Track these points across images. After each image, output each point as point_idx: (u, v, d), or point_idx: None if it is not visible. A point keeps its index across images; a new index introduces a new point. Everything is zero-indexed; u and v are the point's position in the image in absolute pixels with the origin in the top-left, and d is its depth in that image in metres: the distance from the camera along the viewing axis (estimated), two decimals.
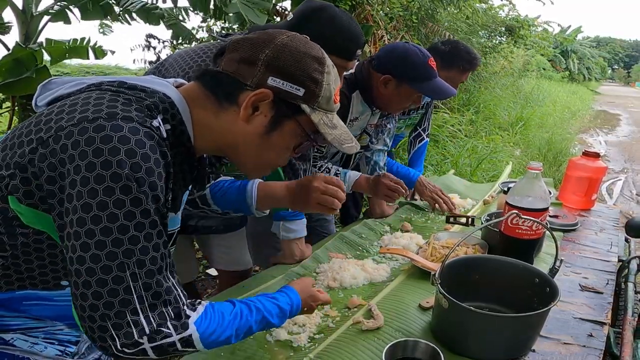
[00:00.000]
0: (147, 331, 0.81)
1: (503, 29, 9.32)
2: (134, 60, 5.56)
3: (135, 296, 0.80)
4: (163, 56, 5.53)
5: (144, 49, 5.28)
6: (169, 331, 0.84)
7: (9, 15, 4.02)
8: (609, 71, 57.41)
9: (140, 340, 0.81)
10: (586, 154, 2.31)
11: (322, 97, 0.95)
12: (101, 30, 5.15)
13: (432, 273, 1.21)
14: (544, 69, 19.76)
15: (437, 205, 2.22)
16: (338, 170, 1.98)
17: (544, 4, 8.36)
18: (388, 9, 5.26)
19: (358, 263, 1.65)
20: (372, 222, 2.10)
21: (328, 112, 0.98)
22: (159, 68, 1.42)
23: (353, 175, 2.00)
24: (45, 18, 4.12)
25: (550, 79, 21.59)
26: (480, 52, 8.28)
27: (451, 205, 2.20)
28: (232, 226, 1.81)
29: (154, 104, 0.87)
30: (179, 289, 0.88)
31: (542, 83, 16.82)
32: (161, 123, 0.87)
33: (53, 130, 0.79)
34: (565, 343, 1.26)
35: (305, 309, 1.15)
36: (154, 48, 5.28)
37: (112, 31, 5.16)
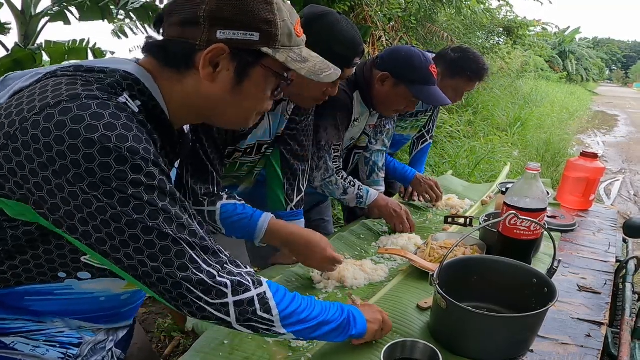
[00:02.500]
0: (227, 283, 0.86)
1: (501, 29, 9.34)
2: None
3: (189, 257, 0.83)
4: None
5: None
6: (248, 284, 0.90)
7: (8, 16, 4.03)
8: (607, 72, 57.54)
9: (225, 290, 0.86)
10: (584, 154, 2.31)
11: (282, 35, 0.90)
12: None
13: (431, 273, 1.21)
14: (542, 70, 19.78)
15: (427, 197, 2.34)
16: (360, 187, 1.98)
17: (542, 4, 8.37)
18: (387, 9, 5.26)
19: (356, 263, 1.65)
20: (371, 223, 2.10)
21: (294, 47, 0.93)
22: None
23: (373, 194, 2.00)
24: (45, 19, 4.12)
25: (548, 79, 21.63)
26: (479, 52, 8.28)
27: (439, 194, 2.33)
28: None
29: (116, 82, 0.83)
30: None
31: (540, 84, 16.86)
32: (129, 100, 0.83)
33: (17, 123, 0.74)
34: (563, 343, 1.26)
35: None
36: None
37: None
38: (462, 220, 2.00)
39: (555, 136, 8.78)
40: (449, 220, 2.04)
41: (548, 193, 1.94)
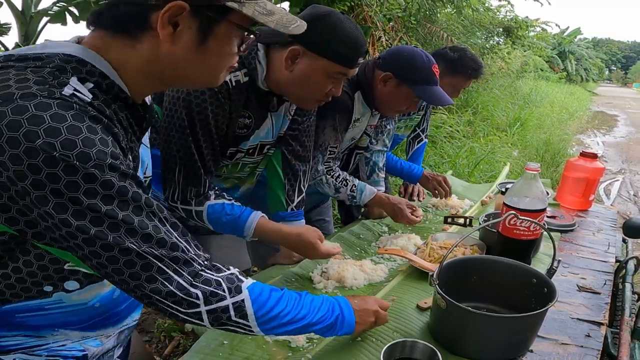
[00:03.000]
0: (199, 295, 0.84)
1: (501, 29, 9.34)
2: None
3: (157, 268, 0.79)
4: None
5: None
6: (223, 294, 0.87)
7: (8, 16, 4.02)
8: (607, 72, 57.57)
9: (197, 302, 0.84)
10: (584, 154, 2.31)
11: None
12: None
13: (430, 273, 1.21)
14: (541, 70, 19.78)
15: (436, 192, 2.37)
16: (355, 185, 1.97)
17: (542, 4, 8.38)
18: (386, 10, 5.26)
19: (356, 264, 1.65)
20: (370, 223, 2.10)
21: (258, 1, 0.87)
22: None
23: (369, 193, 2.00)
24: (45, 19, 4.12)
25: (548, 80, 21.64)
26: (478, 53, 8.30)
27: (446, 189, 2.35)
28: None
29: (57, 68, 0.74)
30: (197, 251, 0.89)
31: (540, 84, 16.87)
32: (78, 86, 0.75)
33: None
34: (562, 343, 1.26)
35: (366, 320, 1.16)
36: None
37: None
38: (461, 221, 2.00)
39: (555, 136, 8.78)
40: (449, 220, 2.04)
41: (548, 193, 1.94)
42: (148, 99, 0.95)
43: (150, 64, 0.83)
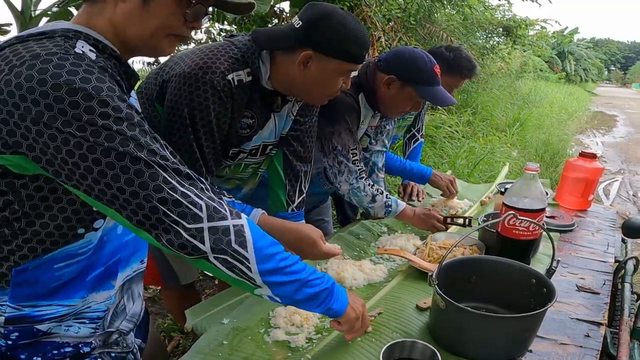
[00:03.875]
0: (203, 206, 0.88)
1: (500, 29, 9.35)
2: (133, 62, 5.58)
3: (163, 178, 0.85)
4: (162, 59, 5.52)
5: None
6: (225, 212, 0.92)
7: (8, 16, 4.02)
8: (606, 72, 57.61)
9: (200, 214, 0.88)
10: (583, 154, 2.32)
11: None
12: None
13: (430, 274, 1.21)
14: (540, 70, 19.80)
15: (447, 190, 2.42)
16: (387, 195, 1.95)
17: (540, 5, 8.38)
18: (386, 10, 5.26)
19: (356, 264, 1.66)
20: (370, 223, 2.11)
21: None
22: (163, 68, 1.43)
23: (401, 204, 1.98)
24: (45, 19, 4.11)
25: (547, 80, 21.66)
26: (478, 53, 8.31)
27: (454, 191, 2.42)
28: None
29: (63, 36, 0.87)
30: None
31: (539, 84, 16.89)
32: (85, 46, 0.87)
33: None
34: (562, 343, 1.26)
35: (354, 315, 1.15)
36: None
37: None
38: (461, 221, 2.01)
39: (554, 136, 8.79)
40: (448, 220, 2.04)
41: (547, 193, 1.95)
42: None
43: (114, 24, 0.93)
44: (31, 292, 0.92)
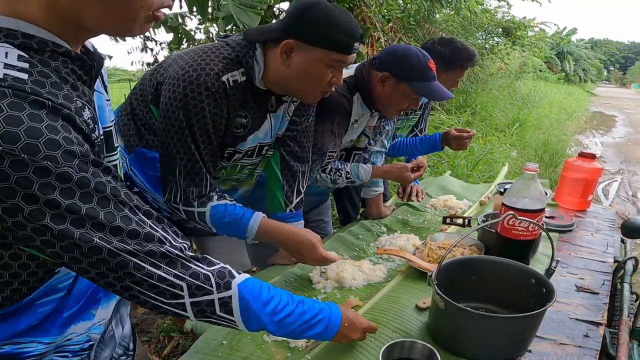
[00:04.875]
0: (184, 286, 0.81)
1: (500, 30, 9.36)
2: (132, 63, 5.59)
3: (133, 265, 0.75)
4: (160, 58, 5.53)
5: (141, 51, 5.29)
6: (210, 288, 0.85)
7: None
8: (605, 73, 57.64)
9: (181, 293, 0.81)
10: (582, 155, 2.31)
11: None
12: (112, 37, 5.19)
13: (429, 274, 1.21)
14: (540, 71, 19.82)
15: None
16: (348, 172, 1.98)
17: (540, 4, 8.39)
18: (385, 10, 5.26)
19: (355, 264, 1.66)
20: (369, 223, 2.11)
21: None
22: (157, 69, 1.42)
23: (364, 172, 2.02)
24: None
25: (547, 80, 21.68)
26: (477, 53, 8.31)
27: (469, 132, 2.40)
28: None
29: None
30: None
31: (539, 84, 16.90)
32: (11, 50, 0.66)
33: None
34: (561, 343, 1.26)
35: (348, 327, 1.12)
36: (151, 50, 5.28)
37: (125, 40, 5.18)
38: (460, 221, 2.01)
39: (554, 137, 8.79)
40: (447, 220, 2.04)
41: (546, 193, 1.95)
42: (90, 45, 0.85)
43: (55, 9, 0.71)
44: (11, 330, 0.84)
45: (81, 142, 0.68)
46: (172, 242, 0.81)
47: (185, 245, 0.85)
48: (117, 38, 5.29)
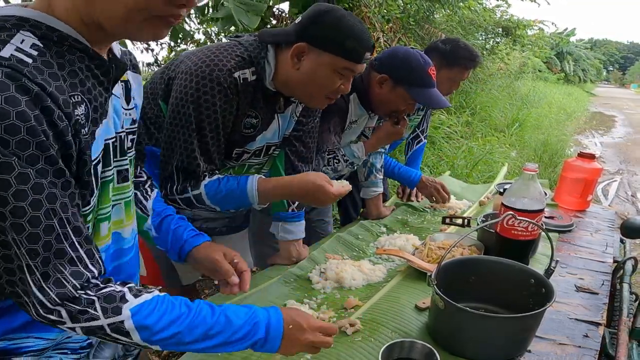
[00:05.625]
0: (62, 313, 0.76)
1: (500, 30, 9.35)
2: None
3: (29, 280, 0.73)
4: (160, 58, 5.54)
5: (142, 52, 5.30)
6: (96, 313, 0.77)
7: None
8: (605, 73, 57.68)
9: (62, 319, 0.76)
10: (582, 155, 2.32)
11: None
12: None
13: (429, 274, 1.22)
14: (539, 71, 19.81)
15: (433, 198, 2.34)
16: (344, 155, 1.93)
17: (539, 5, 8.39)
18: (385, 11, 5.26)
19: (355, 264, 1.66)
20: (369, 223, 2.11)
21: None
22: (169, 66, 1.44)
23: (358, 149, 1.97)
24: None
25: (546, 80, 21.67)
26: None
27: (445, 197, 2.32)
28: (235, 228, 1.82)
29: None
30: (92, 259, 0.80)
31: (538, 85, 16.90)
32: (28, 39, 0.70)
33: None
34: (560, 343, 1.26)
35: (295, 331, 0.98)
36: (152, 50, 5.30)
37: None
38: (460, 221, 2.01)
39: (553, 137, 8.79)
40: (447, 220, 2.04)
41: (546, 194, 1.95)
42: (118, 52, 0.89)
43: (77, 8, 0.75)
44: (6, 326, 0.84)
45: (48, 135, 0.68)
46: (87, 265, 0.78)
47: (94, 273, 0.80)
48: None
